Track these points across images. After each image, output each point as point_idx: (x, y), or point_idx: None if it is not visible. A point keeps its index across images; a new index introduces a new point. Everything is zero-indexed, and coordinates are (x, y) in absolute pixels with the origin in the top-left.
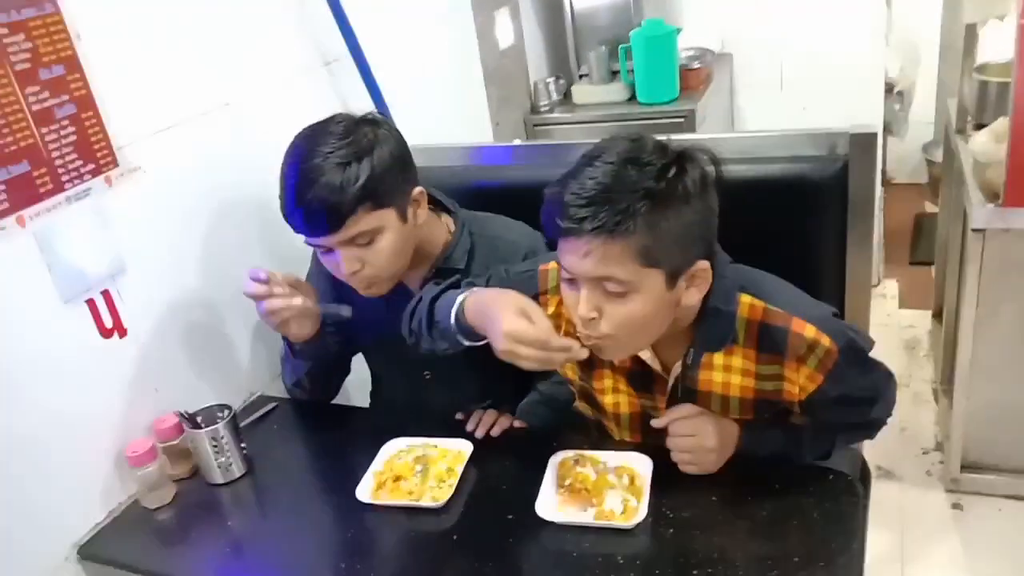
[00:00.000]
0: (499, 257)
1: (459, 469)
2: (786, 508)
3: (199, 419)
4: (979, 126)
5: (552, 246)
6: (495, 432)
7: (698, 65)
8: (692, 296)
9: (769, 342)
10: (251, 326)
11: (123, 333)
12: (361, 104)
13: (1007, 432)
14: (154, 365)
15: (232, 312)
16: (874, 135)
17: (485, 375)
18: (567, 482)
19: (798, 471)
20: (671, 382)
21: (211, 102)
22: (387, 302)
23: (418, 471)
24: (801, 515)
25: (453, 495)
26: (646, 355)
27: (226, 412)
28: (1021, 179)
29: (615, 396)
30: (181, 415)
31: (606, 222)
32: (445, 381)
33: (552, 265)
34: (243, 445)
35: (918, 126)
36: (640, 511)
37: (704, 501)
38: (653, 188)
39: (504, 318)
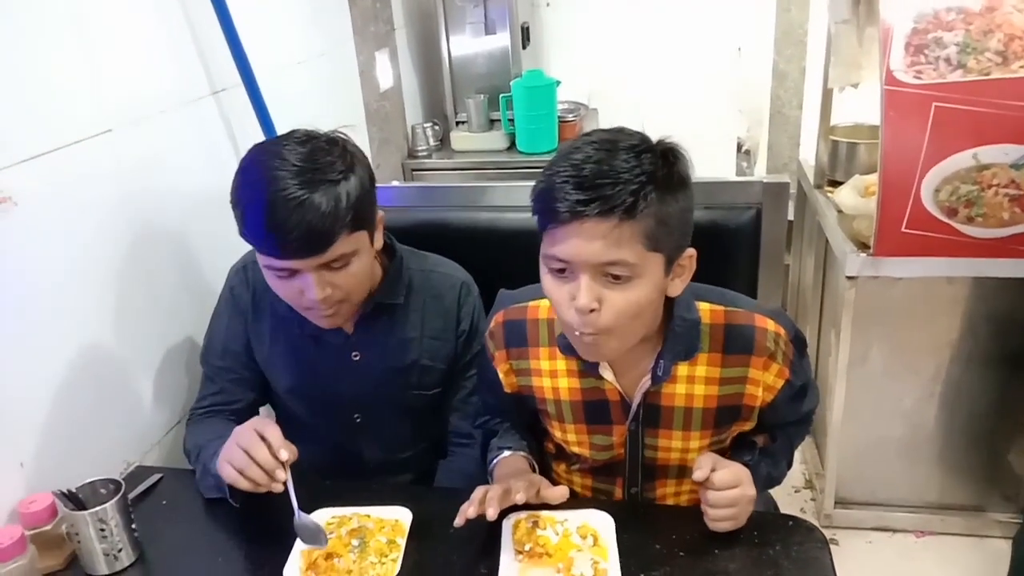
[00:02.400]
0: (434, 291)
1: (401, 541)
2: (756, 559)
3: (81, 498)
4: (832, 182)
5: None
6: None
7: (572, 118)
8: (676, 287)
9: (736, 343)
10: (126, 385)
11: None
12: (251, 135)
13: (874, 468)
14: (20, 435)
15: (107, 369)
16: (786, 184)
17: (418, 417)
18: (527, 547)
19: (756, 519)
20: (637, 400)
21: (91, 128)
22: (316, 342)
23: (354, 546)
24: (774, 566)
25: (400, 571)
26: (608, 375)
27: (111, 488)
28: (889, 232)
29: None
30: (61, 494)
31: (622, 202)
32: (376, 425)
33: (487, 335)
34: (134, 527)
35: None
36: (612, 574)
37: (672, 558)
38: (657, 173)
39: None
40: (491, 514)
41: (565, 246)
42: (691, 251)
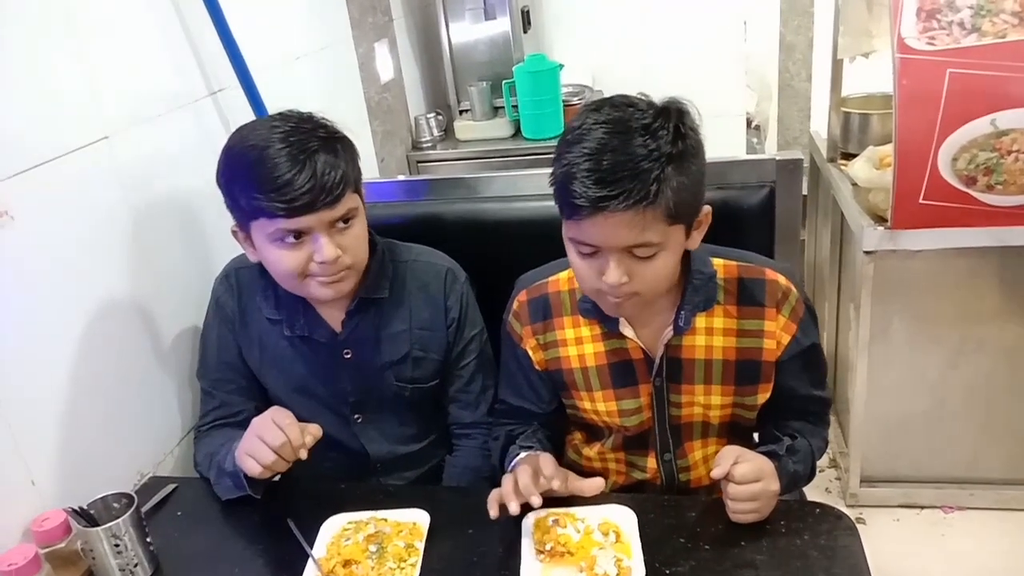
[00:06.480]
0: (419, 282)
1: (420, 545)
2: (784, 550)
3: (93, 514)
4: (845, 155)
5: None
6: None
7: (577, 101)
8: (695, 240)
9: (749, 294)
10: (136, 395)
11: None
12: None
13: (899, 444)
14: (30, 453)
15: (115, 381)
16: (800, 160)
17: (419, 413)
18: (548, 546)
19: (782, 508)
20: (660, 352)
21: (87, 136)
22: (306, 343)
23: (372, 552)
24: (803, 556)
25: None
26: (629, 332)
27: (124, 502)
28: (906, 204)
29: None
30: (73, 511)
31: (644, 194)
32: (378, 422)
33: (511, 317)
34: (149, 540)
35: None
36: (636, 571)
37: (697, 552)
38: (673, 152)
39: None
40: (535, 502)
41: (591, 233)
42: (707, 208)
